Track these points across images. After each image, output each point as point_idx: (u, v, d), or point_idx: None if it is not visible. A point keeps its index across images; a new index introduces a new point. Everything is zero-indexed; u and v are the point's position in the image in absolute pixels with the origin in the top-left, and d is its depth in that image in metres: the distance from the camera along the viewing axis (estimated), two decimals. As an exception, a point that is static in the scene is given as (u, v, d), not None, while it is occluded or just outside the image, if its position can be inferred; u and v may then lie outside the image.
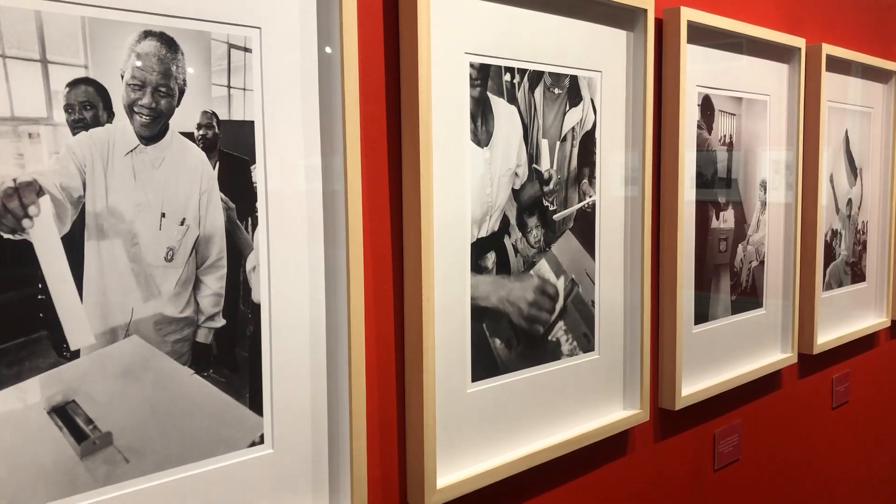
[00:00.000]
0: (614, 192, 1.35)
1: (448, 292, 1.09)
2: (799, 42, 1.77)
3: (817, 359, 2.01)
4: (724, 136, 1.61)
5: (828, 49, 1.89)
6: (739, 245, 1.69)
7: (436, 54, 1.04)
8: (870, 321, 2.24)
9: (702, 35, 1.52)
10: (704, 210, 1.57)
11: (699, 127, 1.54)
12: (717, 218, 1.61)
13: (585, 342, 1.32)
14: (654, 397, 1.49)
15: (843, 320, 2.11)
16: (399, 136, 1.03)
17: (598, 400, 1.35)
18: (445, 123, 1.07)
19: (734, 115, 1.64)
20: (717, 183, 1.60)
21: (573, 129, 1.27)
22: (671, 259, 1.46)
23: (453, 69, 1.08)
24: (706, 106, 1.55)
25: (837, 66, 1.98)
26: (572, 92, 1.26)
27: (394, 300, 1.03)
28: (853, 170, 2.10)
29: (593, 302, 1.33)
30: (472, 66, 1.10)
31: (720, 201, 1.62)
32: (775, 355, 1.82)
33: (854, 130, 2.09)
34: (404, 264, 1.03)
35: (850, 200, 2.10)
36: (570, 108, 1.26)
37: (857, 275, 2.17)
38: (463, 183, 1.10)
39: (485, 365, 1.16)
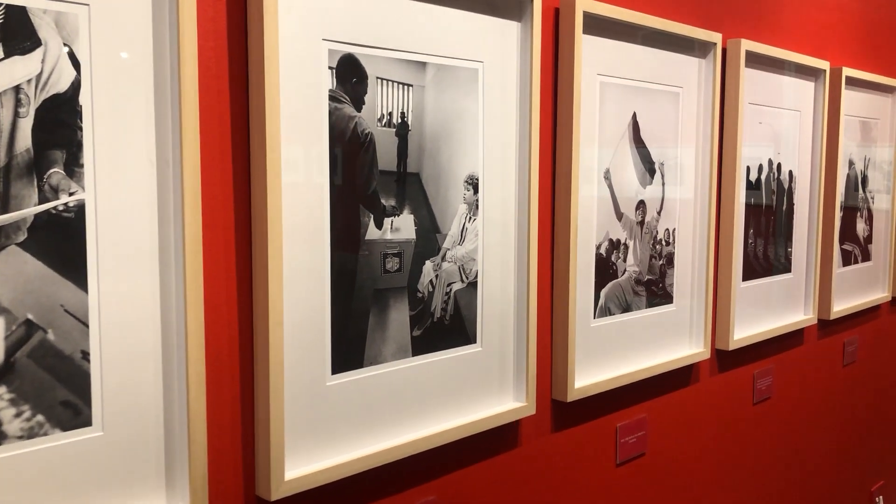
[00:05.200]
0: (131, 188, 0.90)
1: None
2: (533, -8, 1.33)
3: (582, 406, 1.58)
4: (389, 113, 1.17)
5: (587, 5, 1.45)
6: (428, 262, 1.25)
7: None
8: (681, 352, 1.81)
9: (334, -32, 1.08)
10: (351, 214, 1.13)
11: (335, 99, 1.09)
12: (380, 226, 1.17)
13: (70, 415, 0.87)
14: (249, 484, 1.05)
15: (634, 354, 1.67)
16: None
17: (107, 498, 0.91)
18: None
19: (411, 85, 1.20)
20: (376, 178, 1.16)
21: (19, 90, 0.82)
22: (263, 288, 1.02)
23: None
24: (349, 69, 1.11)
25: (613, 30, 1.54)
26: (11, 31, 0.81)
27: None
28: (647, 164, 1.67)
29: (86, 353, 0.88)
30: None
31: (385, 203, 1.18)
32: (505, 404, 1.38)
33: (648, 114, 1.65)
34: None
35: (641, 203, 1.66)
36: (5, 56, 0.81)
37: (659, 295, 1.73)
38: None
39: None
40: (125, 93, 0.89)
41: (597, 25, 1.49)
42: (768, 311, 2.14)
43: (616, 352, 1.62)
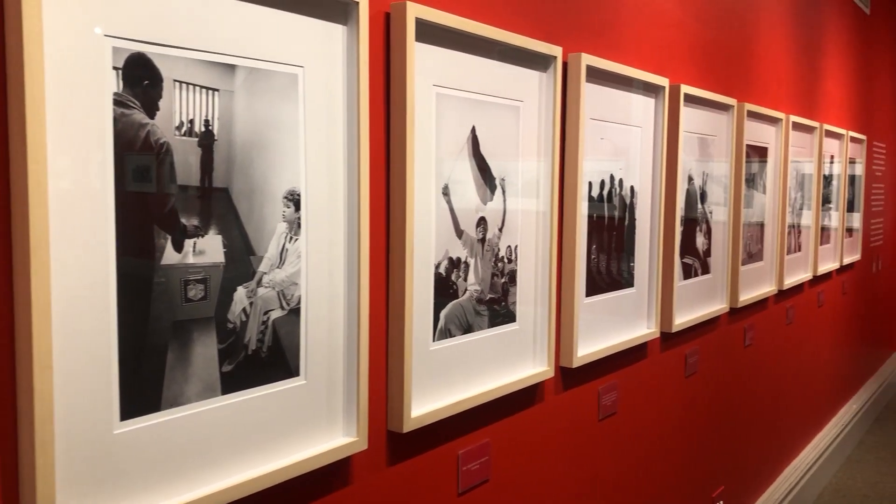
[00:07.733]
0: None
1: None
2: (360, -6, 1.23)
3: (420, 435, 1.49)
4: (190, 120, 1.03)
5: (420, 12, 1.36)
6: (240, 288, 1.12)
7: None
8: (525, 371, 1.75)
9: (118, -47, 0.93)
10: (143, 236, 0.98)
11: (122, 104, 0.95)
12: (180, 248, 1.03)
13: None
14: (8, 555, 0.88)
15: (477, 377, 1.60)
16: None
17: None
18: None
19: (216, 90, 1.07)
20: (174, 194, 1.02)
21: None
22: (25, 326, 0.86)
23: None
24: (139, 70, 0.97)
25: (449, 39, 1.47)
26: None
27: None
28: (488, 180, 1.61)
29: None
30: None
31: (186, 223, 1.04)
32: (333, 440, 1.27)
33: (488, 128, 1.59)
34: None
35: (482, 219, 1.60)
36: None
37: (502, 315, 1.67)
38: None
39: None
40: None
41: (432, 34, 1.42)
42: (612, 326, 2.14)
43: (457, 375, 1.54)
